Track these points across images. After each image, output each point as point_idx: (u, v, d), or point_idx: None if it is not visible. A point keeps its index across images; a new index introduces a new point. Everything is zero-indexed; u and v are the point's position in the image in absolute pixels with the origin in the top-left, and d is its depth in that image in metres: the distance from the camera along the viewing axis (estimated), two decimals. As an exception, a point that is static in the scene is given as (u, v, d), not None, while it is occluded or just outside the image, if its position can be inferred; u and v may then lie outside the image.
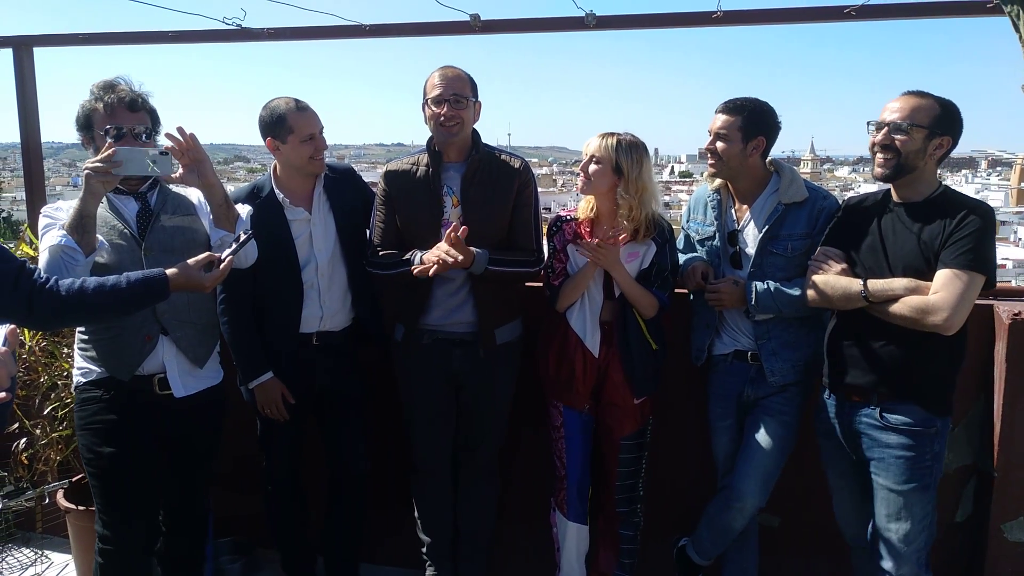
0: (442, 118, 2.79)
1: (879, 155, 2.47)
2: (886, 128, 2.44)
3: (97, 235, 2.42)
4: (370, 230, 3.03)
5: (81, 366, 2.64)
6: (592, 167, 2.80)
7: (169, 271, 2.27)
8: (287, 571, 3.31)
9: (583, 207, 2.93)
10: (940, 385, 2.49)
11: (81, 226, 2.35)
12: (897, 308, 2.39)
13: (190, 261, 2.31)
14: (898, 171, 2.45)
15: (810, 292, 2.58)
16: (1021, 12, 2.20)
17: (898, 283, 2.41)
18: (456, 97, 2.80)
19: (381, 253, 2.94)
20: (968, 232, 2.34)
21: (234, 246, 2.42)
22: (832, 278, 2.53)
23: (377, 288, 3.11)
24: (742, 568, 3.03)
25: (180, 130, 2.46)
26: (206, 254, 2.35)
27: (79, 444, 2.68)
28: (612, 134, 2.81)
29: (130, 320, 2.53)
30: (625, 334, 2.87)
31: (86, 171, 2.33)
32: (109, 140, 2.47)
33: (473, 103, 2.85)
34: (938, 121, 2.41)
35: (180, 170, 2.50)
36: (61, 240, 2.33)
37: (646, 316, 2.88)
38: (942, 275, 2.35)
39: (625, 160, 2.76)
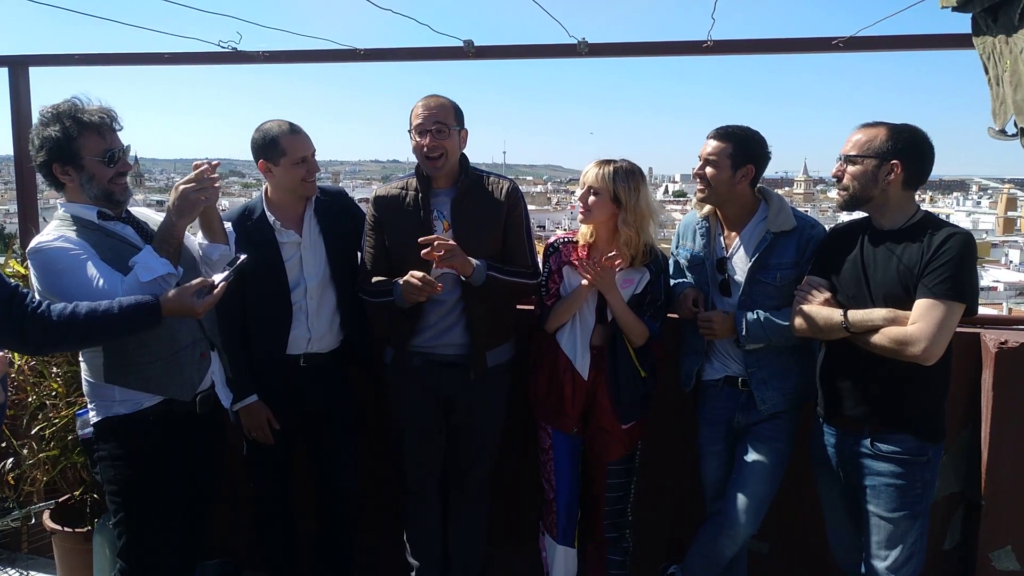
0: (425, 149, 2.81)
1: (837, 188, 2.56)
2: (839, 161, 2.53)
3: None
4: (361, 254, 3.04)
5: (119, 401, 2.49)
6: (591, 198, 2.82)
7: (162, 297, 2.24)
8: None
9: (583, 233, 2.94)
10: (930, 412, 2.50)
11: (177, 251, 2.43)
12: (877, 339, 2.41)
13: (184, 287, 2.28)
14: (852, 202, 2.52)
15: (796, 321, 2.60)
16: (995, 48, 2.22)
17: (877, 313, 2.43)
18: (439, 127, 2.81)
19: (373, 280, 2.95)
20: (946, 260, 2.34)
21: (228, 271, 2.38)
22: (815, 308, 2.55)
23: (368, 312, 3.11)
24: (730, 595, 3.02)
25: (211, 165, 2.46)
26: (200, 279, 2.32)
27: (115, 477, 2.52)
28: (609, 162, 2.83)
29: (183, 340, 2.53)
30: (614, 360, 2.88)
31: (186, 299, 2.25)
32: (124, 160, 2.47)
33: (458, 131, 2.87)
34: (885, 148, 2.44)
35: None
36: (170, 269, 2.36)
37: (635, 344, 2.89)
38: (920, 304, 2.36)
39: (623, 189, 2.79)
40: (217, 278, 2.34)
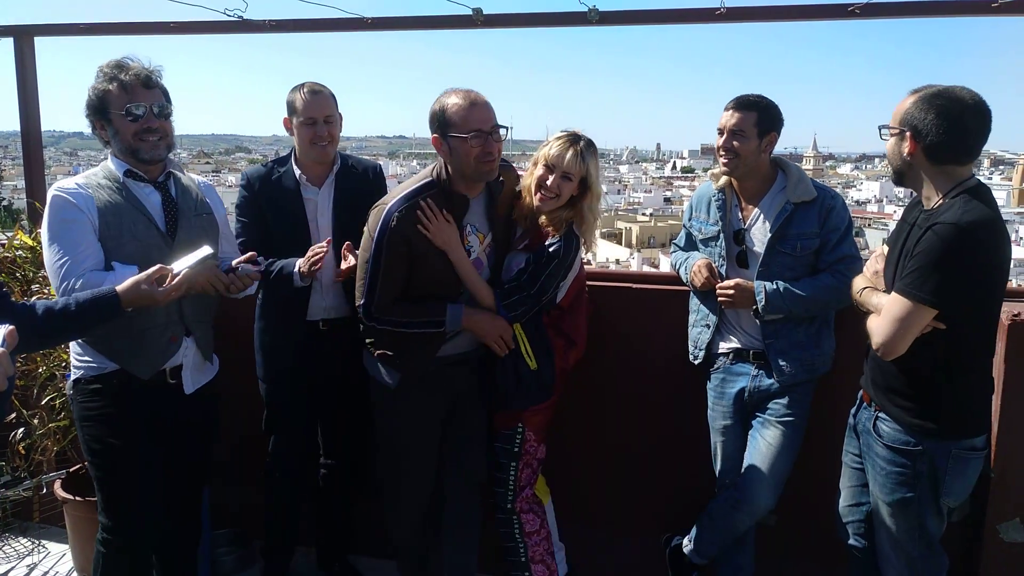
0: (490, 156, 2.47)
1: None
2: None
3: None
4: (368, 282, 2.59)
5: (87, 361, 2.54)
6: (562, 183, 2.63)
7: (119, 287, 2.18)
8: (265, 556, 3.31)
9: None
10: (927, 407, 2.29)
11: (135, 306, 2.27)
12: (867, 322, 2.32)
13: (141, 275, 2.21)
14: (897, 174, 2.32)
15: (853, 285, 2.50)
16: None
17: (875, 299, 2.33)
18: (495, 127, 2.48)
19: (397, 306, 2.61)
20: (919, 251, 2.12)
21: (192, 262, 2.28)
22: (857, 279, 2.49)
23: (377, 337, 2.70)
24: (737, 566, 3.03)
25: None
26: (157, 267, 2.23)
27: (83, 436, 2.59)
28: (577, 140, 2.64)
29: (155, 320, 2.51)
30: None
31: (144, 288, 2.18)
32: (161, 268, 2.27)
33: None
34: (906, 117, 2.20)
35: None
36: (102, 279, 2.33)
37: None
38: (889, 298, 2.23)
39: (593, 171, 2.67)
40: (176, 267, 2.27)
